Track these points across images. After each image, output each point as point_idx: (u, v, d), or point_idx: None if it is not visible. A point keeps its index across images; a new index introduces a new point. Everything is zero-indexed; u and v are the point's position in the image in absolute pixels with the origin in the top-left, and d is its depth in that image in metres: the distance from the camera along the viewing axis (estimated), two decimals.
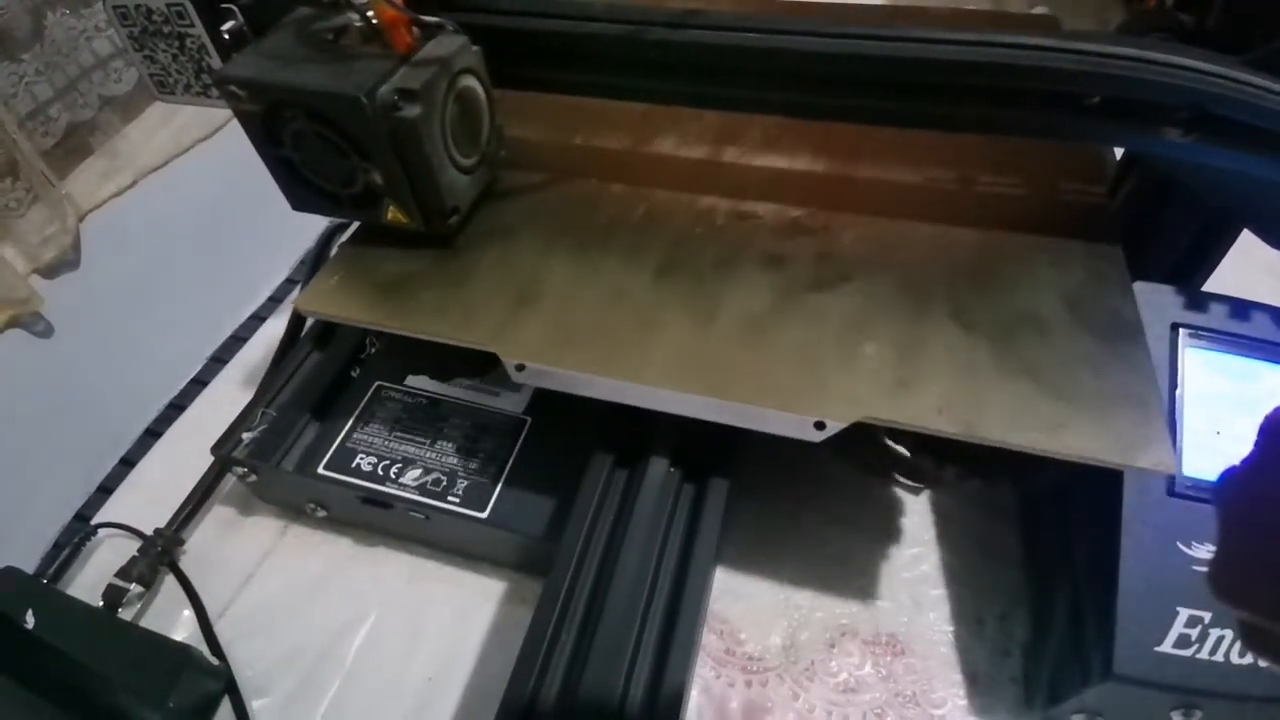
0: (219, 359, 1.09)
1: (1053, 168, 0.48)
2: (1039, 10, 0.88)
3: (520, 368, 0.39)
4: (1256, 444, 0.21)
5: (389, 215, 0.42)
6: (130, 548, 0.49)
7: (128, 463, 0.53)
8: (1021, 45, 0.36)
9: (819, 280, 0.42)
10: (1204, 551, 0.38)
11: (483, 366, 0.47)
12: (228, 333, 1.06)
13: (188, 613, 0.47)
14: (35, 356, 0.89)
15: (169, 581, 0.48)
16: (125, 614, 0.46)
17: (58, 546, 0.49)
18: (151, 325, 1.04)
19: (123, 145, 0.88)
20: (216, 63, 0.44)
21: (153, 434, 0.54)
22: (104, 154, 0.87)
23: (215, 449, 0.48)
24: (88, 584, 0.49)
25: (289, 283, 1.12)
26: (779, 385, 0.37)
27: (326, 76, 0.38)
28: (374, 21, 0.39)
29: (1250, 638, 0.21)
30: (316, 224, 0.97)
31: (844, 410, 0.36)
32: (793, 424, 0.36)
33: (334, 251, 0.63)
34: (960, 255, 0.43)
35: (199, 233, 1.06)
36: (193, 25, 0.43)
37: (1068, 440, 0.34)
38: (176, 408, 0.55)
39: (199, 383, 0.57)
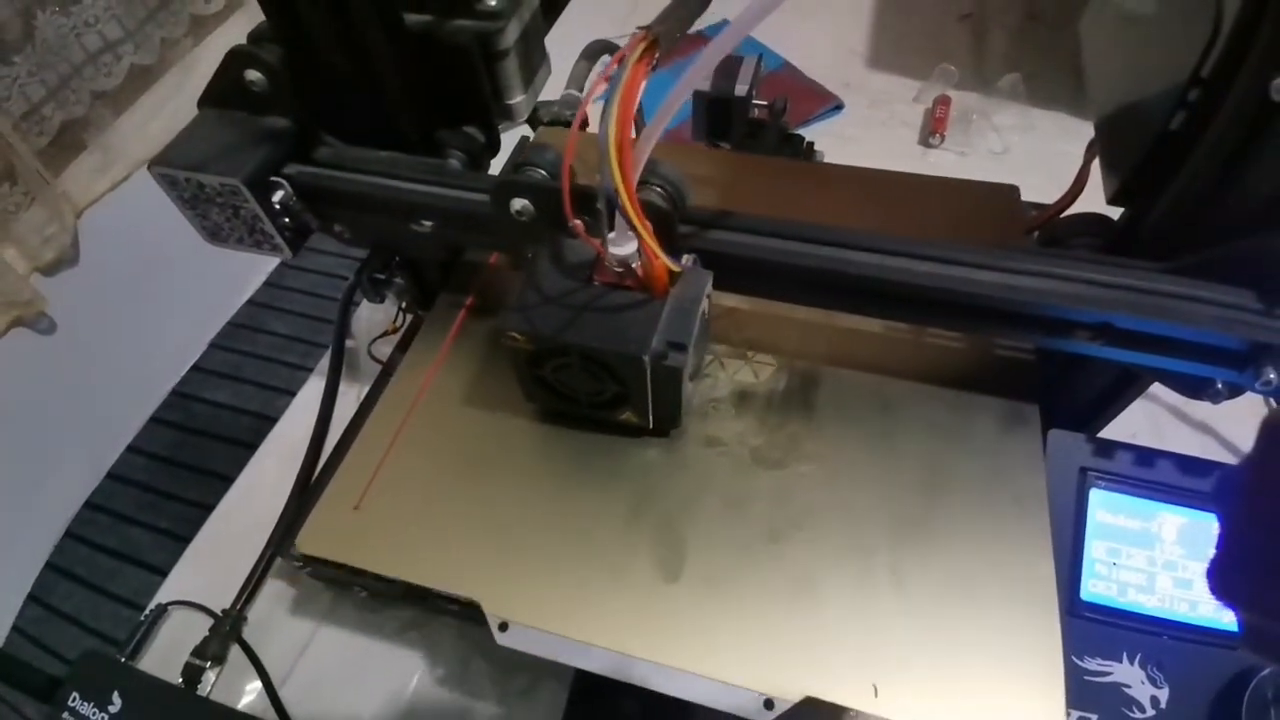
0: (219, 345, 1.12)
1: None
2: (1011, 95, 0.90)
3: None
4: (1256, 445, 0.21)
5: (623, 417, 0.48)
6: (190, 620, 0.54)
7: (182, 539, 0.58)
8: (938, 258, 0.41)
9: None
10: (1094, 664, 0.45)
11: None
12: (226, 318, 1.07)
13: (255, 684, 0.53)
14: (40, 352, 0.90)
15: (234, 654, 0.54)
16: (200, 689, 0.53)
17: (130, 630, 0.55)
18: (152, 314, 1.04)
19: (115, 139, 0.85)
20: (269, 227, 0.45)
21: (204, 508, 0.59)
22: (97, 148, 0.84)
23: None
24: (156, 658, 0.55)
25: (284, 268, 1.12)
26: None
27: (605, 332, 0.42)
28: (635, 268, 0.41)
29: (1250, 637, 0.22)
30: None
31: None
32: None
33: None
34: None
35: None
36: (247, 201, 0.43)
37: None
38: (204, 435, 0.59)
39: (247, 446, 0.61)
